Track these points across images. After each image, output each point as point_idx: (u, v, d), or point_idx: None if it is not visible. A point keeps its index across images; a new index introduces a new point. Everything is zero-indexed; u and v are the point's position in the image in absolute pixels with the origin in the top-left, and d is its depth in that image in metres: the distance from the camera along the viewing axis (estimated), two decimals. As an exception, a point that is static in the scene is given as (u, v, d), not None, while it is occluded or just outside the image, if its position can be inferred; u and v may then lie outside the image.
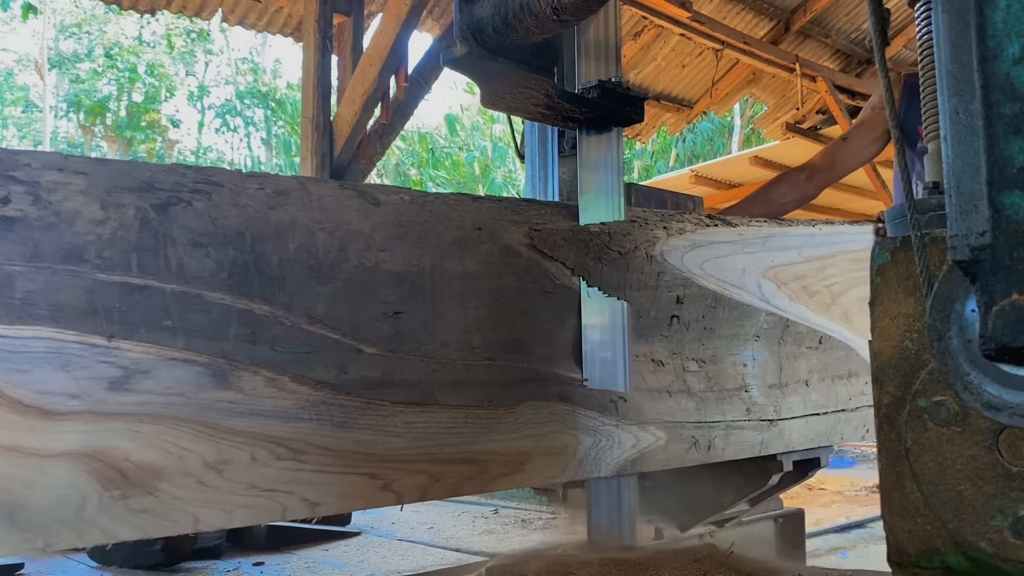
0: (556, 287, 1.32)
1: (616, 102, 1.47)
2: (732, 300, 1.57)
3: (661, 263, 1.44)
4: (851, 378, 1.86)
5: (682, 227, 1.51)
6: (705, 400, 1.53)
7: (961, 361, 0.67)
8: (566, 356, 1.34)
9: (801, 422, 1.73)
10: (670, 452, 1.43)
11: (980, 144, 0.62)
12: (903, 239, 0.82)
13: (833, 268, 1.79)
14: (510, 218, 1.29)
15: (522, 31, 1.24)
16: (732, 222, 1.60)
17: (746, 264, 1.60)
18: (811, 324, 1.74)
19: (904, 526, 0.80)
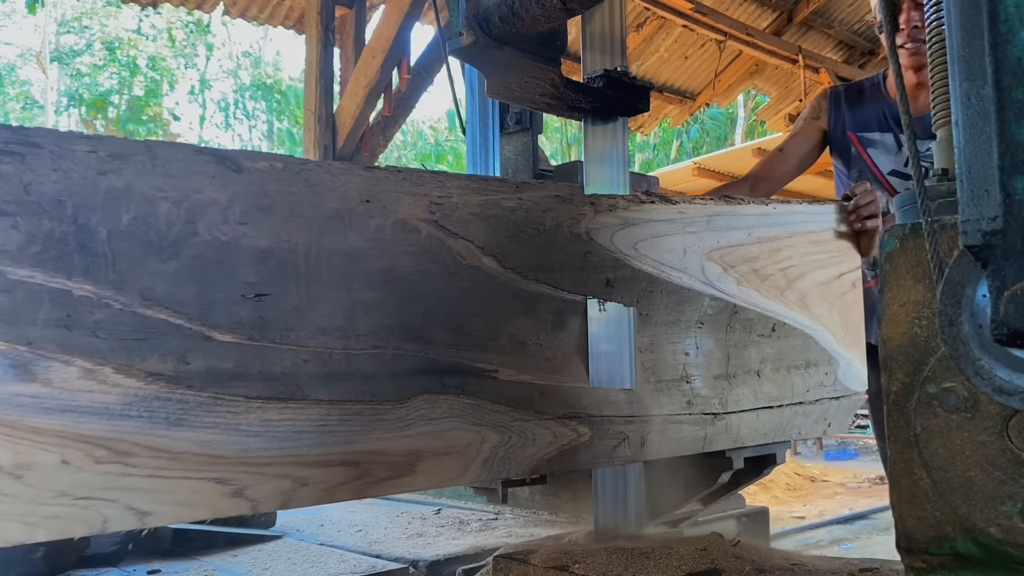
0: (462, 268, 1.20)
1: (622, 92, 1.47)
2: (671, 284, 1.45)
3: (587, 242, 1.33)
4: (809, 368, 1.73)
5: (613, 203, 1.39)
6: (639, 392, 1.41)
7: (972, 347, 0.67)
8: (477, 344, 1.21)
9: (752, 416, 1.61)
10: (596, 449, 1.33)
11: (992, 129, 0.62)
12: (912, 226, 0.82)
13: (789, 250, 1.67)
14: (407, 190, 1.17)
15: (529, 20, 1.24)
16: (672, 199, 1.48)
17: (688, 244, 1.48)
18: (763, 310, 1.61)
19: (913, 513, 0.80)
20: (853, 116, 2.40)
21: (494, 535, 1.67)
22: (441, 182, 1.21)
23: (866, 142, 2.39)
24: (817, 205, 1.81)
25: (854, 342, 1.81)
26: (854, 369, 1.81)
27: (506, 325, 1.25)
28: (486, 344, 1.23)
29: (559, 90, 1.41)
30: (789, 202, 1.73)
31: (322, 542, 1.72)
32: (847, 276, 1.79)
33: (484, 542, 1.61)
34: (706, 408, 1.52)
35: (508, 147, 1.80)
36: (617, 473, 1.54)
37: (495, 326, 1.25)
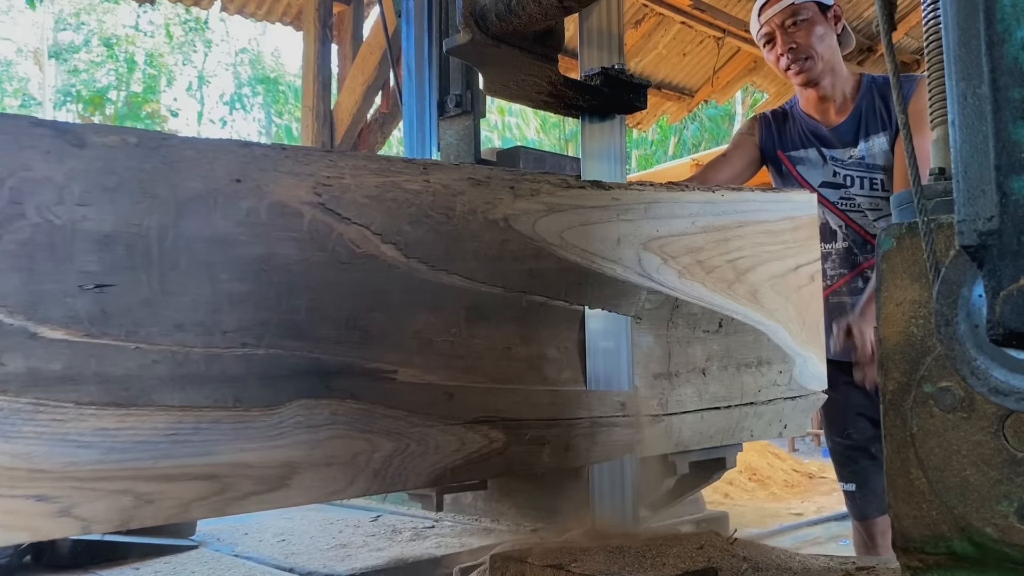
0: (356, 257, 1.08)
1: (619, 89, 1.47)
2: (603, 275, 1.34)
3: (505, 230, 1.22)
4: (761, 367, 1.62)
5: (536, 188, 1.28)
6: (564, 394, 1.32)
7: (968, 346, 0.67)
8: (373, 342, 1.11)
9: (696, 417, 1.51)
10: (511, 456, 1.24)
11: (988, 129, 0.62)
12: (908, 225, 0.82)
13: (739, 240, 1.56)
14: (289, 169, 1.05)
15: (526, 18, 1.24)
16: (605, 185, 1.38)
17: (623, 233, 1.37)
18: (708, 304, 1.51)
19: (909, 512, 0.80)
20: (780, 137, 2.49)
21: (423, 545, 1.58)
22: (332, 161, 1.10)
23: (795, 160, 2.46)
24: (771, 193, 1.70)
25: (812, 338, 1.72)
26: (812, 367, 1.72)
27: (409, 321, 1.14)
28: (384, 342, 1.12)
29: (556, 88, 1.41)
30: (740, 189, 1.64)
31: (238, 553, 1.61)
32: (804, 269, 1.71)
33: (410, 553, 1.53)
34: (643, 409, 1.43)
35: (450, 132, 1.71)
36: (614, 470, 1.49)
37: (396, 322, 1.13)
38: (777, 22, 2.36)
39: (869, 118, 2.38)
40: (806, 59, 2.35)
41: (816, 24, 2.36)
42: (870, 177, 2.36)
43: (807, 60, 2.35)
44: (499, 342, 1.24)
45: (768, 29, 2.39)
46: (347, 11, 4.58)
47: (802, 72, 2.36)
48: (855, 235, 2.37)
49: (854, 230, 2.37)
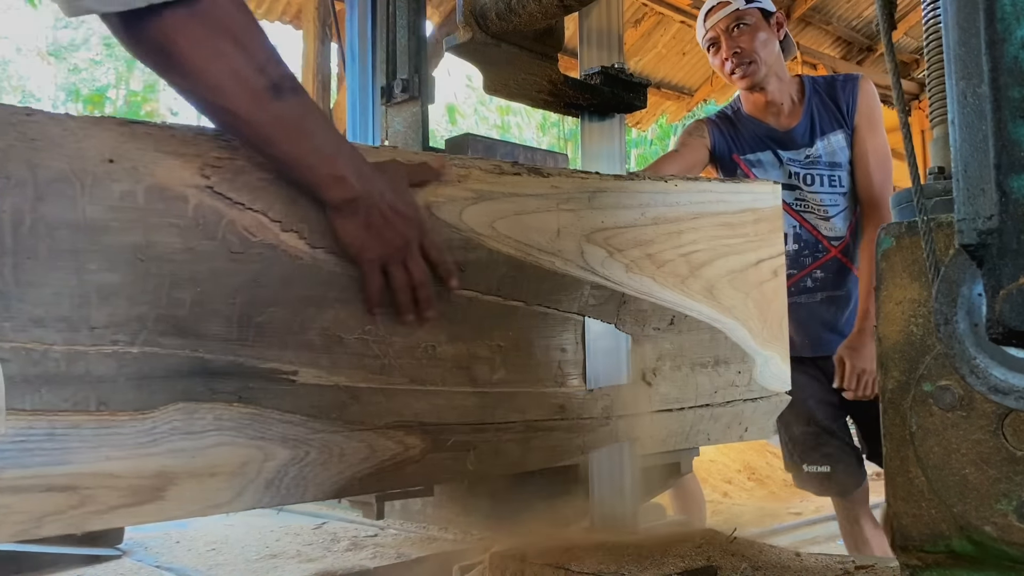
0: (251, 246, 0.99)
1: (619, 88, 1.47)
2: (540, 269, 1.27)
3: (428, 218, 1.15)
4: (718, 366, 1.53)
5: (464, 173, 1.20)
6: (495, 396, 1.23)
7: (968, 345, 0.68)
8: (272, 340, 1.02)
9: (645, 420, 1.43)
10: (431, 464, 1.16)
11: (988, 128, 0.62)
12: (908, 224, 0.82)
13: (693, 233, 1.48)
14: (173, 149, 0.96)
15: (526, 17, 1.24)
16: (543, 171, 1.30)
17: (563, 224, 1.30)
18: (659, 300, 1.43)
19: (909, 510, 0.80)
20: (734, 141, 2.53)
21: (357, 556, 1.50)
22: (226, 141, 1.00)
23: (750, 163, 2.51)
24: (731, 183, 1.60)
25: (774, 336, 1.64)
26: (774, 367, 1.64)
27: (315, 316, 1.06)
28: (285, 340, 1.03)
29: (556, 87, 1.41)
30: (696, 179, 1.56)
31: (160, 564, 1.52)
32: (767, 263, 1.62)
33: (341, 565, 1.46)
34: (585, 412, 1.34)
35: (398, 118, 1.64)
36: (614, 468, 1.46)
37: (299, 318, 1.04)
38: (722, 27, 2.44)
39: (821, 118, 2.46)
40: (750, 63, 2.43)
41: (759, 30, 2.44)
42: (829, 175, 2.44)
43: (751, 64, 2.43)
44: (421, 340, 1.15)
45: (713, 34, 2.47)
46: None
47: (746, 76, 2.44)
48: (808, 235, 2.43)
49: (807, 230, 2.43)
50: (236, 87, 0.92)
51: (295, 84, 0.97)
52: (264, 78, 0.93)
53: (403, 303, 1.10)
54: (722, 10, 2.44)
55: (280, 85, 0.94)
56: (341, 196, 1.02)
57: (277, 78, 0.94)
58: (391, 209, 1.06)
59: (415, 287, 1.10)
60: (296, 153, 0.98)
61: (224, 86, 0.91)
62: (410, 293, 1.10)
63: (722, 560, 1.19)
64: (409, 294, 1.10)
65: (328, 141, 1.00)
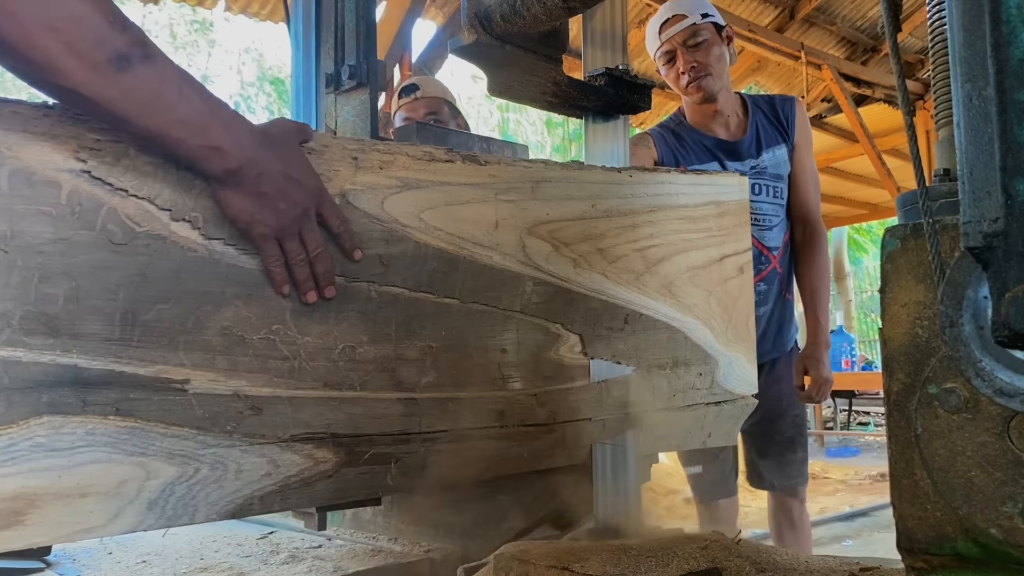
0: (136, 237, 0.91)
1: (623, 90, 1.47)
2: (476, 263, 1.19)
3: (343, 207, 1.07)
4: (677, 368, 1.45)
5: (388, 159, 1.12)
6: (423, 403, 1.14)
7: (973, 348, 0.67)
8: (161, 342, 0.93)
9: (596, 426, 1.34)
10: (345, 480, 1.07)
11: (993, 130, 0.62)
12: (913, 226, 0.82)
13: (650, 227, 1.40)
14: (45, 131, 0.87)
15: (530, 19, 1.24)
16: (480, 159, 1.22)
17: (502, 216, 1.22)
18: (611, 298, 1.35)
19: (914, 513, 0.80)
20: (679, 152, 2.58)
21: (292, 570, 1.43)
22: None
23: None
24: (692, 175, 1.52)
25: (739, 336, 1.57)
26: (739, 369, 1.57)
27: (213, 314, 0.97)
28: (176, 340, 0.94)
29: (561, 88, 1.41)
30: (654, 170, 1.48)
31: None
32: (731, 259, 1.55)
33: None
34: (528, 418, 1.25)
35: (347, 107, 1.56)
36: (618, 468, 1.44)
37: (194, 316, 0.95)
38: (678, 40, 2.50)
39: (766, 131, 2.54)
40: (706, 76, 2.49)
41: (714, 44, 2.51)
42: (774, 186, 2.52)
43: (707, 77, 2.49)
44: (338, 341, 1.06)
45: (669, 47, 2.53)
46: (351, 11, 4.58)
47: (701, 89, 2.50)
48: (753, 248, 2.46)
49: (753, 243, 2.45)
50: (73, 64, 0.82)
51: (148, 51, 0.87)
52: (105, 50, 0.84)
53: (301, 280, 1.02)
54: (678, 24, 2.50)
55: (127, 55, 0.85)
56: (221, 168, 0.93)
57: (124, 48, 0.85)
58: (282, 177, 0.98)
59: (312, 261, 1.02)
60: (158, 128, 0.89)
61: (57, 65, 0.82)
62: (308, 268, 1.02)
63: (727, 562, 1.19)
64: (307, 269, 1.02)
65: (195, 110, 0.91)
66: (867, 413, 11.83)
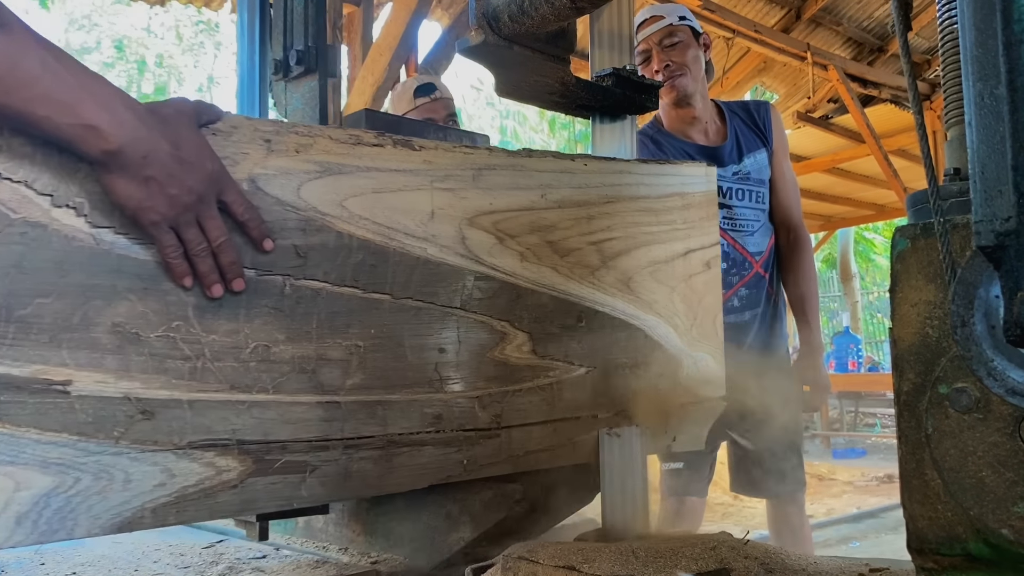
0: (11, 224, 0.84)
1: (630, 90, 1.47)
2: (408, 256, 1.11)
3: (252, 194, 0.98)
4: (637, 368, 1.36)
5: (306, 142, 1.04)
6: (348, 407, 1.06)
7: (985, 347, 0.67)
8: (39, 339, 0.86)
9: (546, 431, 1.25)
10: (255, 489, 0.98)
11: (1005, 129, 0.61)
12: (924, 226, 0.82)
13: (607, 219, 1.33)
14: None
15: (538, 19, 1.24)
16: (414, 144, 1.14)
17: (439, 205, 1.14)
18: (563, 294, 1.27)
19: (924, 513, 0.80)
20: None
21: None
22: None
23: None
24: (654, 164, 1.44)
25: (705, 335, 1.48)
26: (705, 369, 1.48)
27: (103, 310, 0.89)
28: (59, 338, 0.86)
29: (568, 88, 1.41)
30: (611, 159, 1.40)
31: None
32: (697, 254, 1.47)
33: None
34: (469, 423, 1.17)
35: (296, 94, 1.48)
36: (625, 469, 1.40)
37: (80, 311, 0.88)
38: (655, 40, 2.49)
39: (746, 137, 2.52)
40: (681, 75, 2.47)
41: (690, 47, 2.50)
42: (756, 191, 2.50)
43: (682, 76, 2.48)
44: (250, 339, 0.98)
45: (645, 47, 2.51)
46: (357, 12, 4.59)
47: (676, 88, 2.48)
48: (736, 254, 2.46)
49: (736, 249, 2.45)
50: None
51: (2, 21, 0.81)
52: None
53: (204, 272, 0.94)
54: (654, 24, 2.49)
55: None
56: (98, 149, 0.86)
57: None
58: (172, 159, 0.90)
59: (216, 251, 0.94)
60: (17, 105, 0.81)
61: None
62: (211, 259, 0.94)
63: (735, 563, 1.19)
64: (210, 260, 0.94)
65: (62, 85, 0.83)
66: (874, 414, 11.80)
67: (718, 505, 5.64)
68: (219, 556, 1.51)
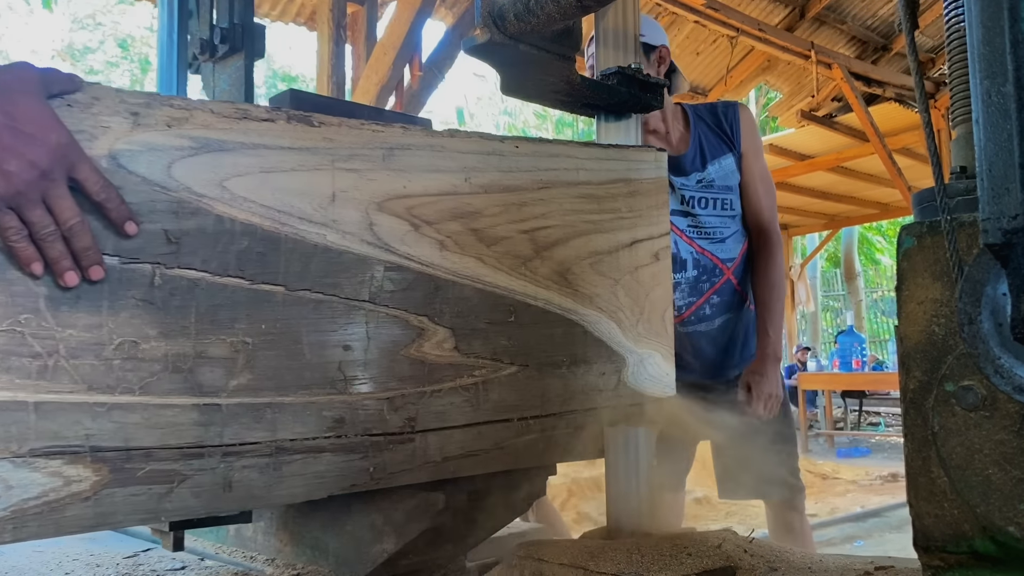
0: None
1: (635, 88, 1.47)
2: (305, 243, 1.01)
3: (113, 172, 0.88)
4: (575, 367, 1.28)
5: (179, 116, 0.93)
6: (230, 409, 0.96)
7: (992, 345, 0.67)
8: None
9: (469, 435, 1.15)
10: (112, 501, 0.88)
11: (1013, 127, 0.62)
12: (930, 224, 0.82)
13: (541, 206, 1.23)
14: None
15: (544, 17, 1.24)
16: (312, 120, 1.04)
17: (341, 187, 1.04)
18: (489, 286, 1.17)
19: (931, 511, 0.80)
20: None
21: None
22: None
23: None
24: (597, 148, 1.35)
25: (653, 331, 1.38)
26: (652, 368, 1.38)
27: None
28: None
29: (574, 87, 1.41)
30: (547, 141, 1.30)
31: None
32: (644, 245, 1.38)
33: None
34: (376, 427, 1.06)
35: (223, 75, 1.39)
36: (630, 468, 1.40)
37: None
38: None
39: (710, 143, 2.45)
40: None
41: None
42: (723, 198, 2.43)
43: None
44: (114, 335, 0.89)
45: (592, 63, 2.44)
46: (361, 11, 4.60)
47: None
48: (707, 261, 2.43)
49: (706, 256, 2.43)
50: None
51: None
52: None
53: (55, 258, 0.84)
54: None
55: None
56: None
57: None
58: (7, 130, 0.81)
59: (67, 235, 0.85)
60: None
61: None
62: (62, 243, 0.84)
63: (740, 561, 1.19)
64: (60, 244, 0.84)
65: None
66: (878, 413, 11.79)
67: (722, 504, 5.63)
68: (137, 567, 1.45)
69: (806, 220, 11.19)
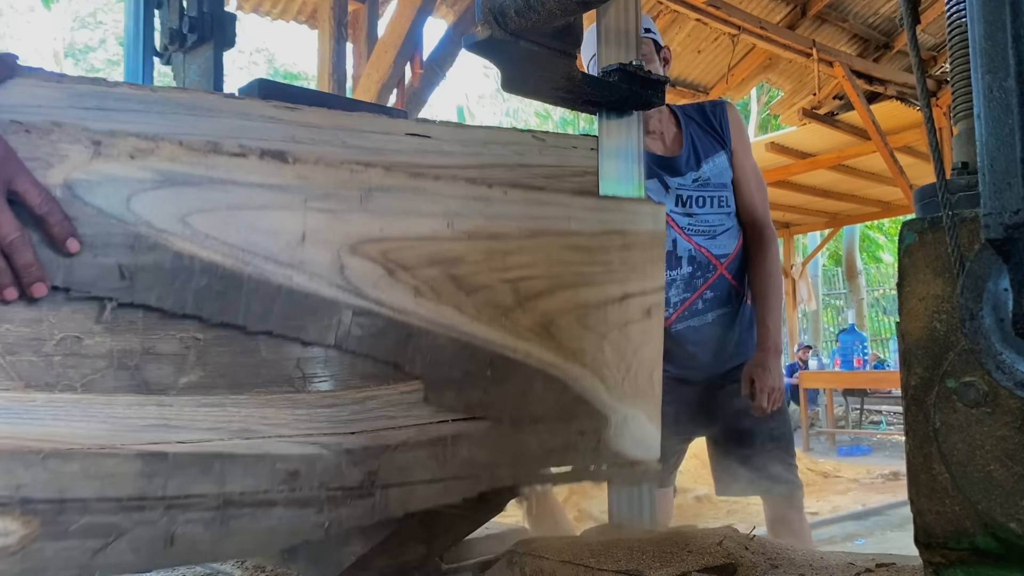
0: None
1: (637, 85, 1.46)
2: (269, 284, 0.96)
3: (68, 202, 0.84)
4: (553, 424, 1.21)
5: (145, 148, 0.90)
6: (176, 460, 0.90)
7: (993, 340, 0.67)
8: None
9: (434, 490, 1.09)
10: (42, 555, 0.82)
11: (1015, 122, 0.61)
12: (931, 220, 0.82)
13: (527, 255, 1.18)
14: None
15: (544, 14, 1.24)
16: (287, 157, 0.99)
17: (312, 228, 1.00)
18: (466, 336, 1.12)
19: (932, 507, 0.80)
20: None
21: None
22: None
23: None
24: (592, 199, 1.29)
25: (639, 391, 1.31)
26: (636, 429, 1.31)
27: None
28: None
29: (574, 84, 1.41)
30: (537, 189, 1.26)
31: None
32: (636, 300, 1.31)
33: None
34: (335, 480, 1.01)
35: (193, 66, 1.35)
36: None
37: None
38: None
39: (702, 142, 2.47)
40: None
41: (651, 61, 2.45)
42: (717, 196, 2.45)
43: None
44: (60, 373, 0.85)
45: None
46: (362, 9, 4.60)
47: None
48: (701, 256, 2.45)
49: (702, 253, 2.44)
50: None
51: None
52: None
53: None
54: None
55: None
56: None
57: None
58: None
59: (6, 250, 0.80)
60: None
61: None
62: (1, 260, 0.80)
63: (742, 558, 1.19)
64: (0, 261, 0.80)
65: None
66: (879, 412, 11.78)
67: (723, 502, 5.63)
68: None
69: (808, 218, 11.18)
